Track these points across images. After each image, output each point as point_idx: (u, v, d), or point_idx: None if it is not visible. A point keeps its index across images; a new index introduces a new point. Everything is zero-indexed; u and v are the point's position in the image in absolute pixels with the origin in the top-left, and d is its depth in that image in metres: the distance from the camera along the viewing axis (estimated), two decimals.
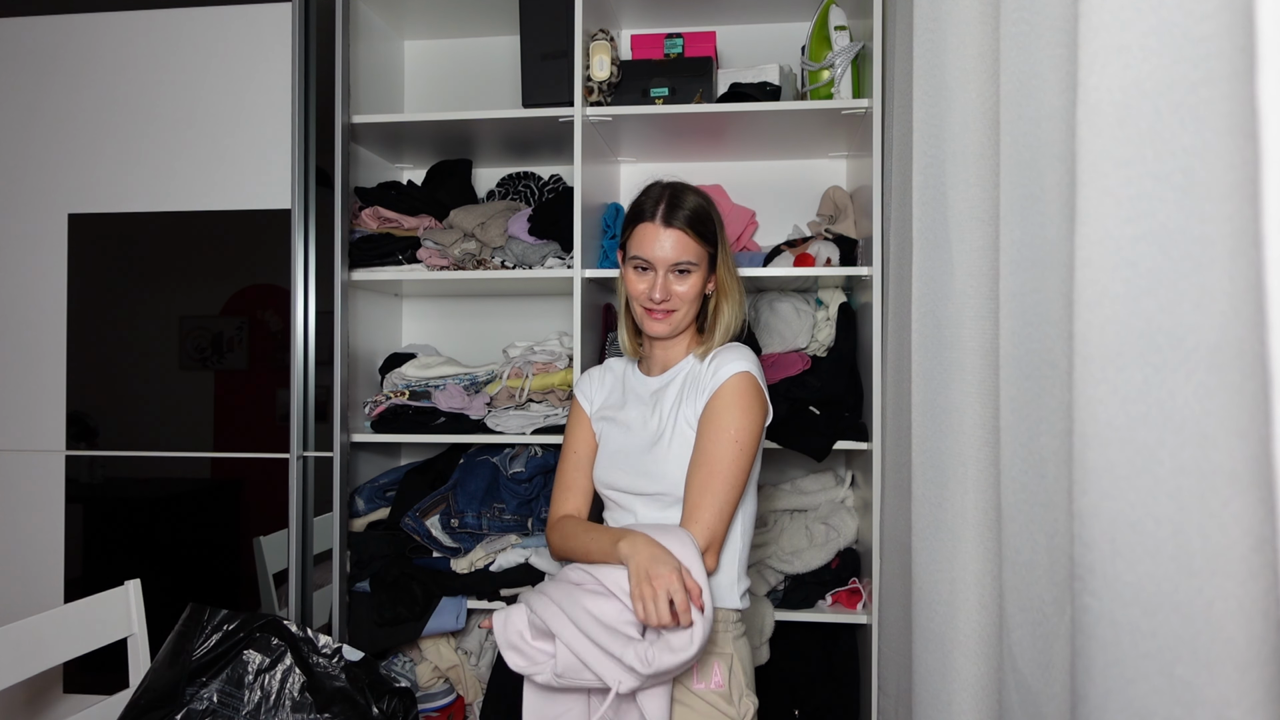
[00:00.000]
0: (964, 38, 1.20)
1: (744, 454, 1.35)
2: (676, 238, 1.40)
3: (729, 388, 1.37)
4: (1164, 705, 0.69)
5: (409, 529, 1.99)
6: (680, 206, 1.41)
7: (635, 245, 1.44)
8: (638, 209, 1.45)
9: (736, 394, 1.37)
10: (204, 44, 2.19)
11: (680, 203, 1.42)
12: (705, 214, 1.44)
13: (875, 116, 1.82)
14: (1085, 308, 0.76)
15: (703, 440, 1.36)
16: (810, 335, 2.07)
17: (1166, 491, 0.69)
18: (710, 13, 2.23)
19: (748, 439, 1.36)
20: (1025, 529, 1.01)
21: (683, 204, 1.42)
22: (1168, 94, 0.68)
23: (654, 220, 1.41)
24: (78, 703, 2.12)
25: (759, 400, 1.39)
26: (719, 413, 1.36)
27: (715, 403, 1.37)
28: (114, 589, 1.64)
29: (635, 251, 1.43)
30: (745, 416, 1.36)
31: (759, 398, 1.39)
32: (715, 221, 1.46)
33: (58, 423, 2.21)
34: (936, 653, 1.26)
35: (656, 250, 1.41)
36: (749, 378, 1.39)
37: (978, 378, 1.19)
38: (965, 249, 1.21)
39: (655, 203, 1.42)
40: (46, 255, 2.22)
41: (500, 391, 2.04)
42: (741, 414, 1.36)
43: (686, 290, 1.42)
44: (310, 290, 2.07)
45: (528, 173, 2.33)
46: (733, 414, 1.36)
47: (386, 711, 1.68)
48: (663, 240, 1.41)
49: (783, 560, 2.00)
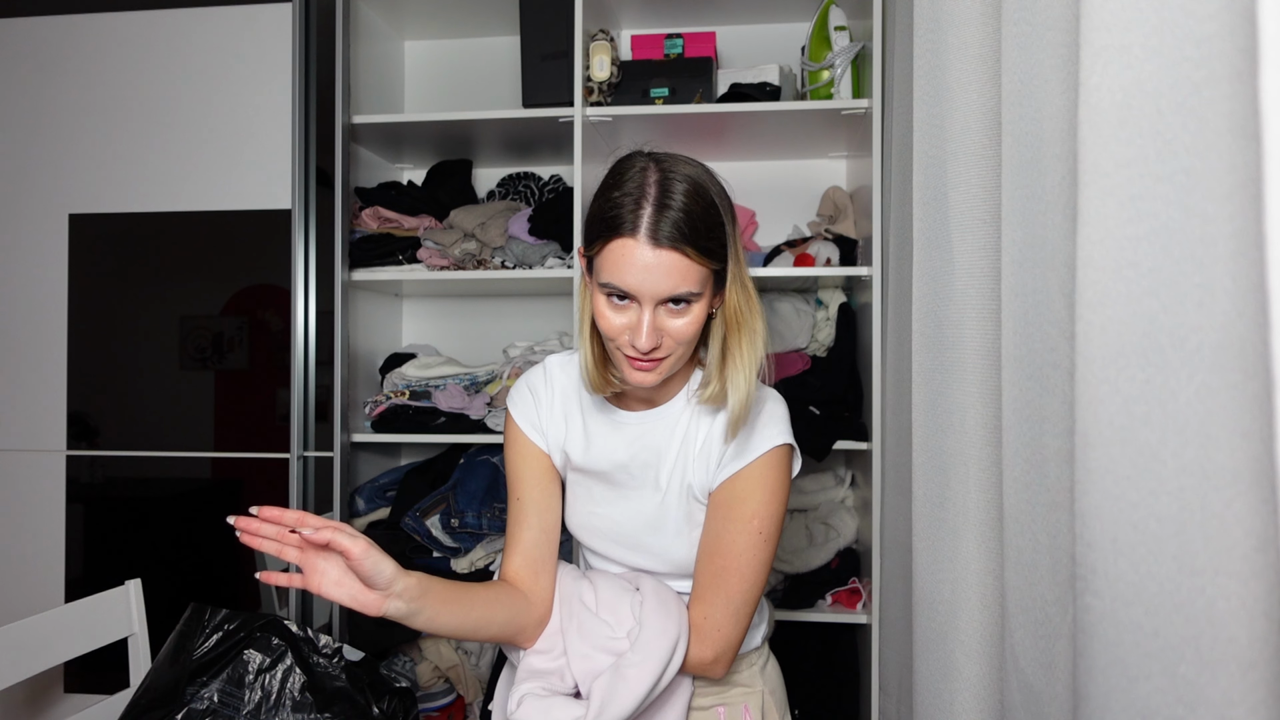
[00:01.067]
0: (965, 37, 1.20)
1: (768, 545, 1.08)
2: (671, 262, 0.96)
3: (760, 466, 1.06)
4: (1166, 705, 0.69)
5: (409, 529, 1.99)
6: (680, 214, 0.96)
7: (609, 268, 0.99)
8: (613, 214, 0.98)
9: (767, 473, 1.07)
10: (204, 44, 2.19)
11: (671, 202, 0.97)
12: (708, 216, 0.99)
13: (875, 116, 1.82)
14: (1087, 308, 0.76)
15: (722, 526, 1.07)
16: (810, 335, 2.08)
17: (1169, 491, 0.69)
18: (710, 13, 2.23)
19: (773, 529, 1.08)
20: (1027, 528, 1.01)
21: (683, 209, 0.97)
22: (1170, 94, 0.68)
23: (635, 235, 0.96)
24: (78, 702, 2.12)
25: (787, 472, 1.10)
26: (743, 498, 1.07)
27: (741, 483, 1.07)
28: (115, 589, 1.64)
29: (609, 278, 0.99)
30: (775, 502, 1.07)
31: (788, 469, 1.10)
32: (723, 221, 1.02)
33: (58, 423, 2.21)
34: (938, 652, 1.26)
35: (642, 281, 0.97)
36: (784, 451, 1.08)
37: (979, 377, 1.19)
38: (966, 249, 1.21)
39: (636, 206, 0.97)
40: (47, 255, 2.22)
41: (500, 391, 2.04)
42: (770, 498, 1.07)
43: (683, 327, 1.00)
44: (310, 290, 2.07)
45: (528, 173, 2.33)
46: (760, 497, 1.07)
47: (387, 711, 1.68)
48: (650, 266, 0.96)
49: (782, 560, 2.00)
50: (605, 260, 0.99)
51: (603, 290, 1.01)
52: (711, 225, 1.00)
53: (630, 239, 0.96)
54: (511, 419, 1.18)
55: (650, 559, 1.14)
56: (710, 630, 1.06)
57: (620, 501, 1.15)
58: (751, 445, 1.07)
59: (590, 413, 1.16)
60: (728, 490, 1.07)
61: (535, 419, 1.17)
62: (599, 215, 1.01)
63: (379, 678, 1.73)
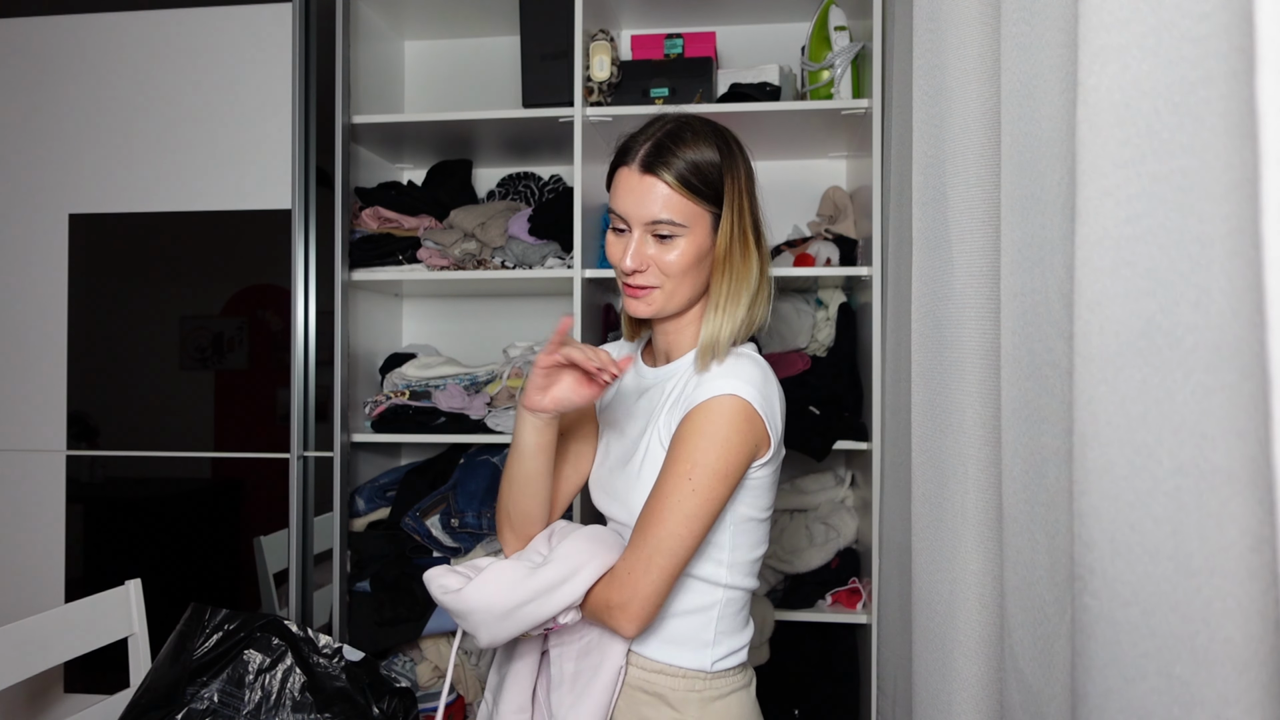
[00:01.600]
0: (964, 38, 1.20)
1: (696, 497, 1.03)
2: (653, 189, 1.06)
3: (702, 412, 1.05)
4: (1163, 705, 0.69)
5: (409, 529, 1.99)
6: (672, 150, 1.07)
7: (612, 195, 1.11)
8: (624, 147, 1.11)
9: (708, 420, 1.04)
10: (204, 44, 2.19)
11: (676, 145, 1.07)
12: (709, 165, 1.08)
13: (875, 117, 1.82)
14: (1085, 308, 0.76)
15: (662, 472, 1.06)
16: (810, 335, 2.08)
17: (1165, 491, 0.69)
18: (710, 13, 2.23)
19: (705, 481, 1.03)
20: (1026, 529, 1.01)
21: (678, 147, 1.07)
22: (1167, 94, 0.68)
23: (630, 164, 1.08)
24: (78, 702, 2.12)
25: (741, 430, 1.05)
26: (680, 441, 1.05)
27: (683, 427, 1.06)
28: (115, 589, 1.64)
29: (611, 204, 1.11)
30: (712, 451, 1.03)
31: (741, 427, 1.05)
32: (727, 174, 1.10)
33: (58, 423, 2.21)
34: (936, 652, 1.26)
35: (629, 202, 1.08)
36: (735, 402, 1.04)
37: (978, 377, 1.19)
38: (965, 249, 1.21)
39: (643, 140, 1.09)
40: (47, 255, 2.22)
41: (500, 391, 2.04)
42: (708, 446, 1.03)
43: (672, 261, 1.07)
44: (310, 290, 2.07)
45: (528, 173, 2.33)
46: (697, 443, 1.03)
47: (387, 711, 1.69)
48: (637, 190, 1.07)
49: (782, 560, 2.00)
50: (612, 190, 1.12)
51: (612, 221, 1.12)
52: (700, 166, 1.07)
53: (626, 167, 1.09)
54: None
55: (616, 505, 1.16)
56: (622, 574, 1.04)
57: (616, 438, 1.21)
58: (700, 391, 1.07)
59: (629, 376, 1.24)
60: (675, 436, 1.07)
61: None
62: (618, 149, 1.12)
63: (379, 678, 1.73)
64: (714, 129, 1.12)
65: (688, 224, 1.07)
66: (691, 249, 1.08)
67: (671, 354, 1.18)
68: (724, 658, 1.12)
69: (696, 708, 1.10)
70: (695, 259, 1.09)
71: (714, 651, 1.11)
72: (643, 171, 1.07)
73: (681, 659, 1.10)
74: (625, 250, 1.08)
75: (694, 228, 1.08)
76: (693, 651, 1.11)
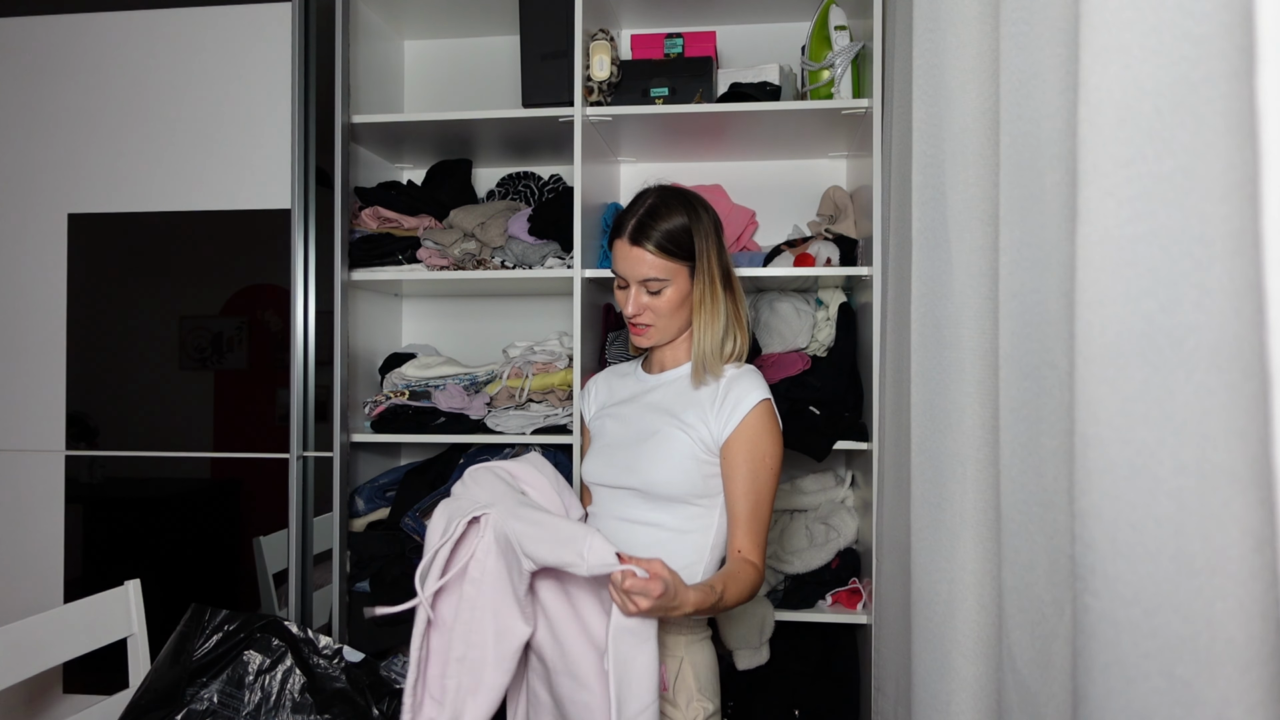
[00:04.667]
0: (964, 37, 1.20)
1: (775, 474, 1.44)
2: (640, 257, 1.42)
3: (759, 416, 1.42)
4: (1164, 705, 0.69)
5: (409, 529, 1.99)
6: (653, 225, 1.42)
7: (614, 261, 1.48)
8: (618, 222, 1.47)
9: (764, 421, 1.42)
10: (204, 44, 2.19)
11: (654, 220, 1.42)
12: (681, 231, 1.43)
13: (875, 116, 1.81)
14: (1085, 308, 0.76)
15: (740, 463, 1.41)
16: (810, 335, 2.07)
17: (1166, 491, 0.69)
18: (710, 13, 2.23)
19: (775, 462, 1.44)
20: (1024, 529, 1.01)
21: (656, 221, 1.42)
22: (1168, 94, 0.68)
23: (623, 236, 1.44)
24: (78, 703, 2.12)
25: (777, 423, 1.46)
26: (755, 444, 1.41)
27: (748, 433, 1.41)
28: (114, 589, 1.64)
29: (613, 266, 1.48)
30: (776, 444, 1.44)
31: (777, 421, 1.46)
32: (697, 235, 1.44)
33: (58, 423, 2.21)
34: (935, 653, 1.26)
35: (625, 267, 1.45)
36: (769, 405, 1.45)
37: (977, 378, 1.19)
38: (965, 249, 1.21)
39: (629, 217, 1.45)
40: (46, 255, 2.22)
41: (500, 391, 2.04)
42: (773, 442, 1.43)
43: (661, 304, 1.45)
44: (310, 290, 2.07)
45: (528, 173, 2.33)
46: (766, 443, 1.42)
47: (386, 712, 1.68)
48: (629, 258, 1.44)
49: (783, 560, 2.00)
50: (612, 256, 1.48)
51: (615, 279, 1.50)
52: (673, 234, 1.43)
53: (620, 239, 1.45)
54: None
55: (633, 476, 1.44)
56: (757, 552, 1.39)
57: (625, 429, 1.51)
58: (746, 402, 1.41)
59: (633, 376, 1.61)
60: (746, 441, 1.40)
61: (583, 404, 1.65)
62: (614, 224, 1.48)
63: (379, 679, 1.73)
64: (683, 199, 1.47)
65: (669, 278, 1.44)
66: (676, 295, 1.45)
67: (666, 365, 1.55)
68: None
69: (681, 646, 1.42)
70: (679, 302, 1.46)
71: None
72: (631, 244, 1.43)
73: None
74: (628, 300, 1.46)
75: (675, 280, 1.44)
76: None
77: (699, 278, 1.45)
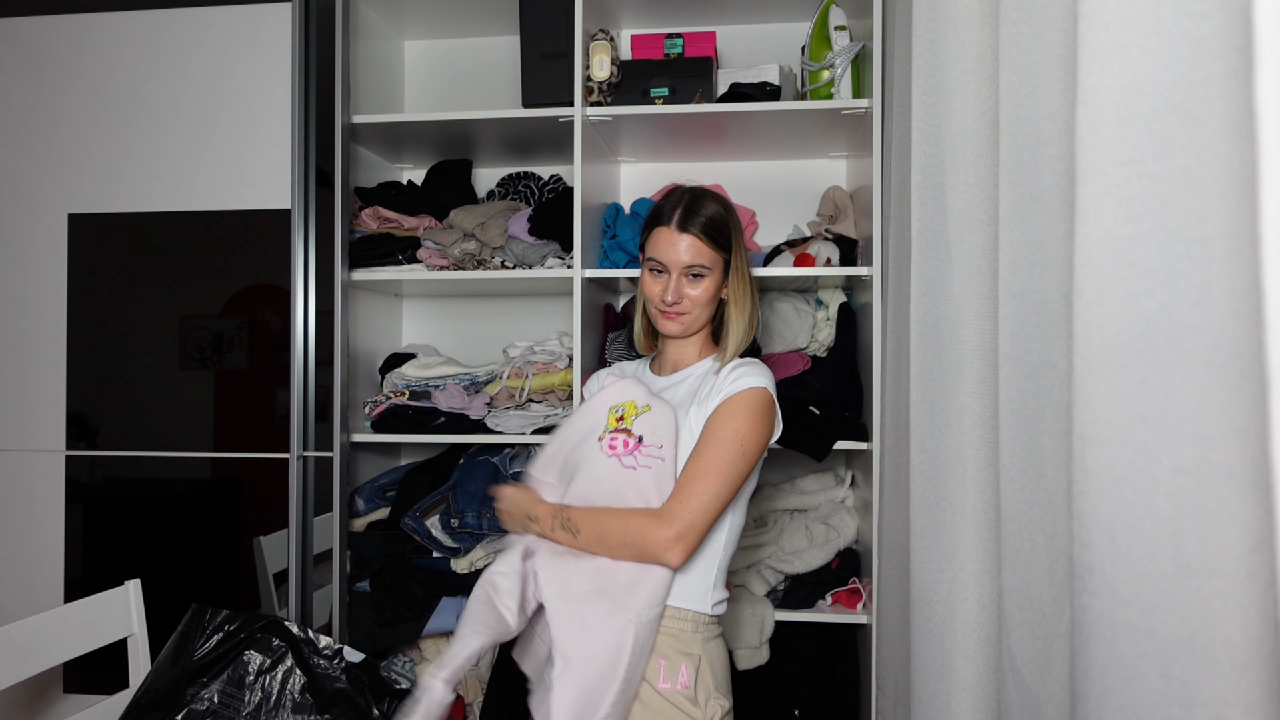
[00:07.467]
0: (963, 37, 1.20)
1: (745, 457, 1.34)
2: (690, 242, 1.43)
3: (746, 396, 1.38)
4: (1162, 705, 0.69)
5: (409, 529, 1.99)
6: (697, 213, 1.43)
7: (652, 248, 1.47)
8: (657, 212, 1.48)
9: (751, 403, 1.37)
10: (204, 44, 2.19)
11: (698, 209, 1.44)
12: (722, 221, 1.46)
13: (875, 116, 1.82)
14: (1084, 308, 0.76)
15: (708, 432, 1.36)
16: (810, 335, 2.07)
17: (1165, 491, 0.69)
18: (710, 13, 2.23)
19: (751, 445, 1.35)
20: (1024, 529, 1.01)
21: (700, 210, 1.44)
22: (1167, 94, 0.68)
23: (670, 224, 1.44)
24: (78, 703, 2.12)
25: (770, 417, 1.40)
26: (730, 413, 1.36)
27: (729, 404, 1.37)
28: (114, 589, 1.64)
29: (651, 254, 1.47)
30: (755, 424, 1.36)
31: (770, 415, 1.40)
32: (732, 229, 1.47)
33: (58, 423, 2.21)
34: (935, 652, 1.26)
35: (671, 254, 1.44)
36: (767, 395, 1.40)
37: (976, 377, 1.19)
38: (964, 249, 1.21)
39: (674, 207, 1.45)
40: (46, 255, 2.22)
41: (500, 391, 2.04)
42: (753, 420, 1.36)
43: (699, 294, 1.44)
44: (310, 290, 2.07)
45: (528, 173, 2.33)
46: (744, 417, 1.36)
47: (387, 713, 1.69)
48: (677, 244, 1.43)
49: (783, 560, 2.00)
50: (650, 242, 1.47)
51: (648, 265, 1.48)
52: (719, 225, 1.45)
53: (666, 227, 1.45)
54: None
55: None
56: (680, 513, 1.29)
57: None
58: (741, 383, 1.38)
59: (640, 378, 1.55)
60: (721, 409, 1.36)
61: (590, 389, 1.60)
62: (652, 214, 1.49)
63: (379, 679, 1.74)
64: (715, 195, 1.50)
65: (712, 267, 1.44)
66: (713, 286, 1.45)
67: (679, 365, 1.52)
68: (717, 604, 1.40)
69: (699, 645, 1.37)
70: (714, 293, 1.46)
71: (711, 598, 1.38)
72: (680, 230, 1.43)
73: (688, 603, 1.36)
74: (667, 288, 1.44)
75: (714, 269, 1.45)
76: (697, 598, 1.37)
77: (734, 271, 1.48)
